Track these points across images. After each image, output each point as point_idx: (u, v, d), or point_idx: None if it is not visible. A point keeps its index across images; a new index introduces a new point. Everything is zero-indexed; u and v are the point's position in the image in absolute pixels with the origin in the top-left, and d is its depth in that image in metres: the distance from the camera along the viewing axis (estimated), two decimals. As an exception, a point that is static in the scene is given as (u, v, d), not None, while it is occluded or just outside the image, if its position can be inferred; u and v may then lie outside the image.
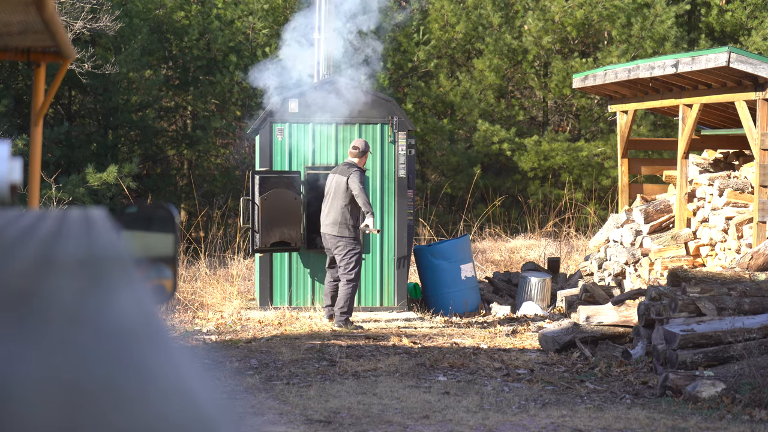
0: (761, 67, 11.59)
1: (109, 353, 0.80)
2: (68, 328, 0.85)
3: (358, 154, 11.85)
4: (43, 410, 0.68)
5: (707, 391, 8.35)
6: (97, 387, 0.72)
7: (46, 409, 0.68)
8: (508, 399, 8.50)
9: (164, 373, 0.79)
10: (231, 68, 20.51)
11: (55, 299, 0.94)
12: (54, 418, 0.67)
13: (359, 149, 11.86)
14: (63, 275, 1.08)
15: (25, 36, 5.81)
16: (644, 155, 21.24)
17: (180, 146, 21.39)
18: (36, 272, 1.08)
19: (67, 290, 0.99)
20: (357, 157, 11.85)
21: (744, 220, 12.52)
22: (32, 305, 0.92)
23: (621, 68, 13.93)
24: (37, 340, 0.80)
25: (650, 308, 9.90)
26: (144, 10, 20.32)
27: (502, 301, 13.74)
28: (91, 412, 0.69)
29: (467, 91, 22.21)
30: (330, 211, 11.85)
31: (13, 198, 2.87)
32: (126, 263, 1.22)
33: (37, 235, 1.44)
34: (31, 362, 0.76)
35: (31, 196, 6.37)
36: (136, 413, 0.70)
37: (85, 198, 17.44)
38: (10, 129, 17.39)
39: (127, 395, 0.72)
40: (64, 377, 0.73)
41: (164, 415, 0.71)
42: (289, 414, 7.85)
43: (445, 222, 21.05)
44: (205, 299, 13.46)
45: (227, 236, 18.07)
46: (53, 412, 0.68)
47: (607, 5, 22.15)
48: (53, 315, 0.88)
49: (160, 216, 2.91)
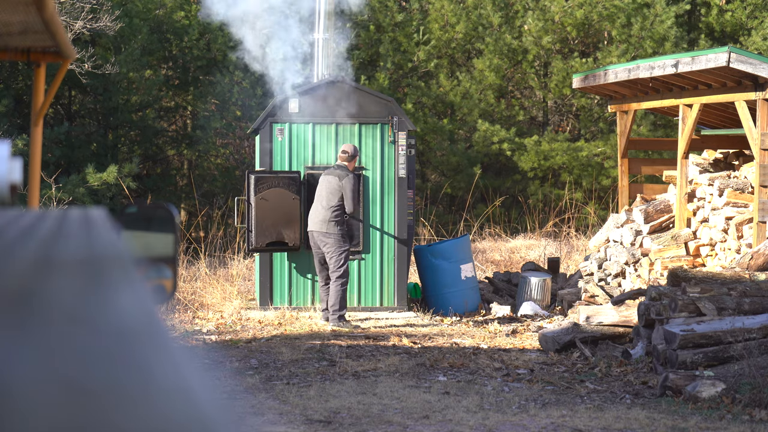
0: (761, 67, 11.59)
1: (109, 353, 0.80)
2: (68, 328, 0.85)
3: (347, 158, 12.01)
4: (44, 410, 0.68)
5: (707, 391, 8.35)
6: (97, 387, 0.72)
7: (46, 409, 0.68)
8: (508, 399, 8.50)
9: (164, 372, 0.79)
10: (231, 68, 20.51)
11: (55, 299, 0.94)
12: (54, 417, 0.67)
13: (348, 153, 12.04)
14: (63, 275, 1.08)
15: (25, 36, 5.81)
16: (644, 155, 21.24)
17: (180, 146, 21.39)
18: (36, 272, 1.08)
19: (67, 290, 0.99)
20: (347, 161, 12.00)
21: (744, 220, 12.52)
22: (32, 305, 0.92)
23: (621, 68, 13.93)
24: (38, 340, 0.80)
25: (650, 308, 9.90)
26: (144, 10, 20.32)
27: (502, 301, 13.74)
28: (92, 412, 0.69)
29: (467, 91, 22.21)
30: (319, 209, 11.95)
31: (13, 198, 2.87)
32: (126, 263, 1.22)
33: (37, 235, 1.44)
34: (31, 362, 0.76)
35: (31, 196, 6.37)
36: (136, 413, 0.70)
37: (85, 198, 17.44)
38: (10, 129, 17.39)
39: (128, 395, 0.72)
40: (65, 377, 0.73)
41: (164, 415, 0.71)
42: (289, 414, 7.85)
43: (445, 222, 21.05)
44: (205, 299, 13.46)
45: (227, 236, 18.07)
46: (53, 411, 0.68)
47: (607, 5, 22.15)
48: (53, 315, 0.88)
49: (160, 216, 2.91)
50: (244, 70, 20.68)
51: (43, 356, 0.77)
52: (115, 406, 0.70)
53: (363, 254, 12.93)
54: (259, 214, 12.51)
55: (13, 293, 0.96)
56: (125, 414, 0.70)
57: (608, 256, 13.80)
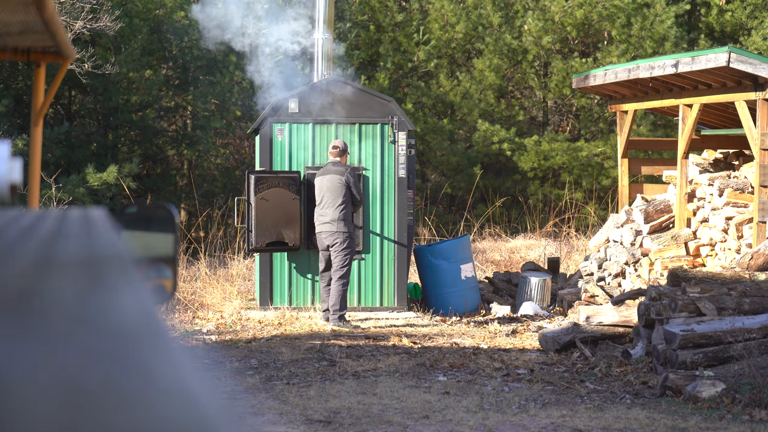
0: (761, 67, 11.59)
1: (109, 353, 0.80)
2: (68, 328, 0.85)
3: (339, 153, 12.09)
4: (43, 410, 0.68)
5: (707, 391, 8.35)
6: (97, 387, 0.72)
7: (46, 409, 0.68)
8: (508, 399, 8.50)
9: (164, 373, 0.79)
10: (231, 68, 20.51)
11: (56, 299, 0.94)
12: (54, 418, 0.67)
13: (339, 148, 12.11)
14: (63, 275, 1.08)
15: (25, 36, 5.81)
16: (644, 155, 21.23)
17: (180, 146, 21.39)
18: (36, 272, 1.08)
19: (67, 290, 0.99)
20: (339, 156, 12.08)
21: (744, 220, 12.52)
22: (32, 305, 0.92)
23: (621, 68, 13.93)
24: (38, 340, 0.80)
25: (650, 308, 9.90)
26: (144, 10, 20.32)
27: (502, 301, 13.74)
28: (91, 412, 0.69)
29: (467, 91, 22.21)
30: (327, 210, 11.94)
31: (13, 198, 2.87)
32: (126, 263, 1.22)
33: (37, 235, 1.44)
34: (31, 362, 0.76)
35: (31, 196, 6.37)
36: (136, 413, 0.70)
37: (85, 198, 17.44)
38: (10, 129, 17.39)
39: (127, 395, 0.72)
40: (64, 377, 0.73)
41: (164, 416, 0.71)
42: (289, 414, 7.85)
43: (445, 222, 21.05)
44: (205, 299, 13.46)
45: (227, 236, 18.07)
46: (53, 412, 0.68)
47: (607, 5, 22.15)
48: (53, 315, 0.88)
49: (160, 216, 2.91)
50: (243, 70, 20.71)
51: (42, 356, 0.77)
52: (115, 407, 0.70)
53: (363, 254, 12.93)
54: (259, 214, 12.51)
55: (13, 293, 0.96)
56: (125, 414, 0.70)
57: (608, 256, 13.80)
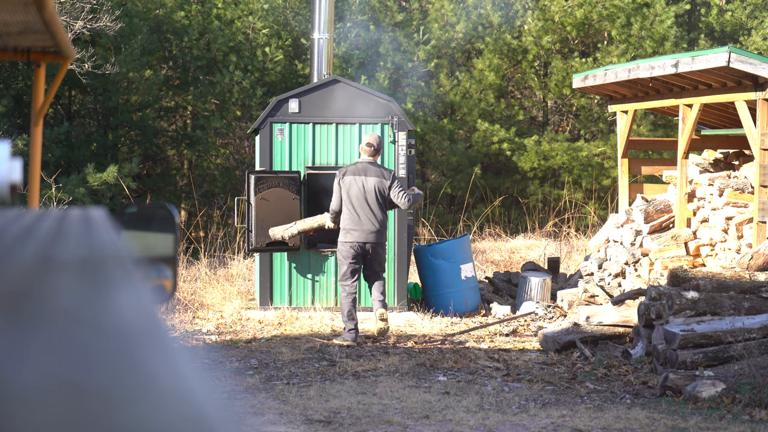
0: (761, 67, 11.59)
1: (109, 353, 0.80)
2: (68, 328, 0.85)
3: (373, 152, 11.13)
4: (43, 410, 0.68)
5: (707, 391, 8.35)
6: (97, 387, 0.72)
7: (46, 409, 0.68)
8: (508, 399, 8.50)
9: (164, 373, 0.79)
10: (231, 68, 20.51)
11: (55, 299, 0.94)
12: (54, 418, 0.67)
13: (374, 146, 11.15)
14: (63, 275, 1.08)
15: (25, 36, 5.80)
16: (644, 155, 21.23)
17: (180, 146, 21.39)
18: (36, 272, 1.08)
19: (67, 290, 0.99)
20: (372, 155, 11.15)
21: (744, 220, 12.52)
22: (32, 305, 0.92)
23: (621, 68, 13.92)
24: (38, 340, 0.80)
25: (650, 308, 9.90)
26: (144, 10, 20.32)
27: (502, 301, 13.74)
28: (91, 412, 0.69)
29: (467, 91, 22.21)
30: (370, 217, 10.99)
31: (13, 198, 2.87)
32: (126, 263, 1.22)
33: (37, 235, 1.44)
34: (31, 362, 0.76)
35: (31, 196, 6.37)
36: (136, 413, 0.70)
37: (85, 198, 17.44)
38: (10, 129, 17.39)
39: (127, 395, 0.72)
40: (64, 377, 0.73)
41: (164, 416, 0.71)
42: (289, 414, 7.85)
43: (445, 222, 21.05)
44: (205, 299, 13.46)
45: (227, 236, 18.06)
46: (53, 412, 0.68)
47: (607, 5, 22.15)
48: (53, 315, 0.88)
49: (160, 216, 2.92)
50: (243, 70, 20.71)
51: (43, 356, 0.77)
52: (115, 407, 0.70)
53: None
54: (259, 214, 12.51)
55: (14, 293, 0.96)
56: (125, 414, 0.70)
57: (608, 256, 13.80)
